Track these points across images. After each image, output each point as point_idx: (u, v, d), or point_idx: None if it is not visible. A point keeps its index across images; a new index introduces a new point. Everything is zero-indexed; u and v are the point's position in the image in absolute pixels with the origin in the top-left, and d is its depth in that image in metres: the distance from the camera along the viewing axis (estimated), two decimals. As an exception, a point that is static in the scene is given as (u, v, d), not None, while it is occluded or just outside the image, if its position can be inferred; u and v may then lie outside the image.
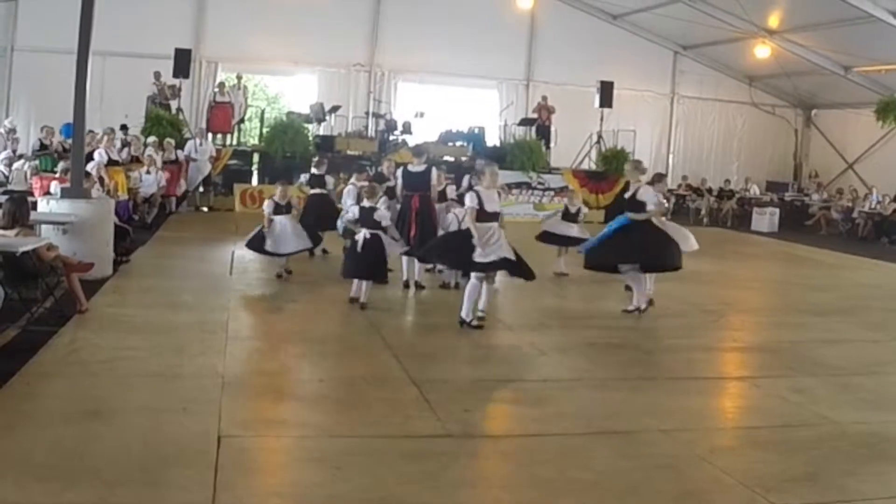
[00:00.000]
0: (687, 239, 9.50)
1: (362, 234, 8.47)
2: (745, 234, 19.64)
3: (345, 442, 4.70)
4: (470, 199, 7.70)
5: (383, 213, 8.66)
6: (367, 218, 8.59)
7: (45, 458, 4.17)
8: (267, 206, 9.95)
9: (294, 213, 10.29)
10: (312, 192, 11.84)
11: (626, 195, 8.89)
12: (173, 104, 18.34)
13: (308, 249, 10.51)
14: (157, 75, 18.16)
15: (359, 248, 8.45)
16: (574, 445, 4.87)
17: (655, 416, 5.45)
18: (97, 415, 4.86)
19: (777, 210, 21.14)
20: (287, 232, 9.85)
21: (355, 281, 8.63)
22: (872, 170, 21.84)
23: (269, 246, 9.76)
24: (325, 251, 11.72)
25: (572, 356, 7.14)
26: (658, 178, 10.20)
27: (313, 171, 12.11)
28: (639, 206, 8.56)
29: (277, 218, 9.82)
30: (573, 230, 11.01)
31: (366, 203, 8.73)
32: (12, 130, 15.95)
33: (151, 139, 16.35)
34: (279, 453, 4.68)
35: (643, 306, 8.77)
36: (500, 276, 8.31)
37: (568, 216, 11.26)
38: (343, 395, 5.70)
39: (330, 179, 12.10)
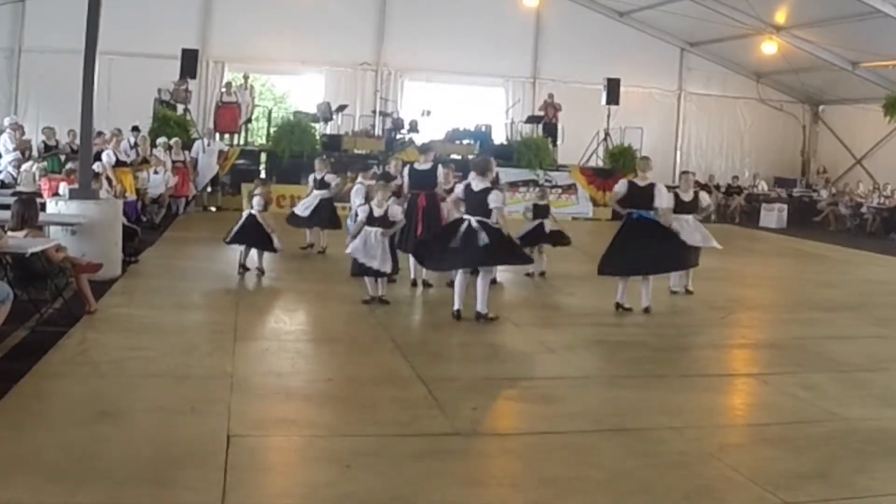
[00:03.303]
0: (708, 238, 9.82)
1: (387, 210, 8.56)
2: (754, 231, 19.60)
3: (354, 441, 4.71)
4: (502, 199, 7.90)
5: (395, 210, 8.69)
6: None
7: (55, 458, 4.19)
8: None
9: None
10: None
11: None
12: (179, 106, 18.38)
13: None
14: (181, 83, 18.22)
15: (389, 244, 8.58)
16: (583, 443, 4.86)
17: (665, 413, 5.44)
18: (106, 415, 4.87)
19: (785, 206, 21.11)
20: None
21: (368, 283, 8.60)
22: (881, 165, 21.75)
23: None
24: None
25: (581, 354, 7.14)
26: (682, 176, 10.32)
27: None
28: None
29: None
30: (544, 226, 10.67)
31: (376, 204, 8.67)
32: (16, 125, 15.99)
33: (161, 140, 16.39)
34: (288, 453, 4.68)
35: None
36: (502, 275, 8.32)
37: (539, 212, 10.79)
38: (351, 394, 5.70)
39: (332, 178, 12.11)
